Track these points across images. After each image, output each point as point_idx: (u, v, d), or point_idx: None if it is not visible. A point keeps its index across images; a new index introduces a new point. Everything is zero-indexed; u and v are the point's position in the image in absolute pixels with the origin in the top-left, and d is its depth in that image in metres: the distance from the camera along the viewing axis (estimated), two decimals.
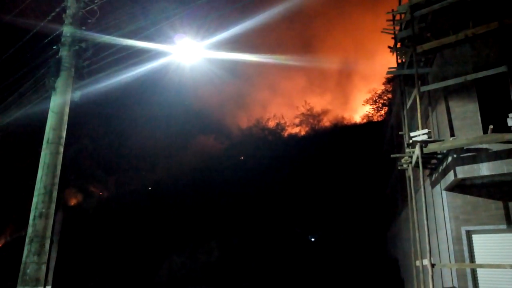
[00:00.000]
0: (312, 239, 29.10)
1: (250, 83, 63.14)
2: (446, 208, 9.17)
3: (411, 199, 10.81)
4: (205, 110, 47.88)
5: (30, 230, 6.66)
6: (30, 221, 6.71)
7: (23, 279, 6.41)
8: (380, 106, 40.10)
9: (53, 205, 6.92)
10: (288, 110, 49.63)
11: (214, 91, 48.84)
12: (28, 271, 6.43)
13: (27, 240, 6.63)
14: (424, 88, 9.82)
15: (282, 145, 38.90)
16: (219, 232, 30.07)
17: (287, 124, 44.76)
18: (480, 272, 8.48)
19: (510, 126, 7.95)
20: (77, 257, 29.62)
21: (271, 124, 43.65)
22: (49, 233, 6.76)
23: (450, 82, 9.10)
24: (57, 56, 7.69)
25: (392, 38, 11.52)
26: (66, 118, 7.45)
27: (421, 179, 9.02)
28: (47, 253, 6.73)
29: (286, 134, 44.09)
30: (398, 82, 12.29)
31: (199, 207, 33.13)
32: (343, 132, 40.04)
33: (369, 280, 20.73)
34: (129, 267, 29.26)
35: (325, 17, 70.29)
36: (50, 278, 19.62)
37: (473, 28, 9.05)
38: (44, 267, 6.61)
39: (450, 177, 8.67)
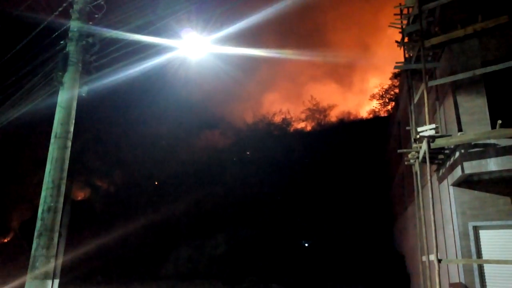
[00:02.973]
0: (318, 234, 29.14)
1: (256, 77, 62.96)
2: (453, 203, 9.14)
3: (418, 194, 10.78)
4: (210, 105, 47.86)
5: (39, 224, 6.72)
6: (39, 215, 6.77)
7: (33, 272, 6.49)
8: (387, 101, 39.87)
9: (61, 199, 6.97)
10: (294, 105, 49.35)
11: (220, 86, 48.72)
12: (37, 264, 6.50)
13: (36, 233, 6.68)
14: (432, 83, 9.76)
15: (288, 140, 38.86)
16: (225, 225, 30.16)
17: (293, 119, 44.60)
18: (487, 267, 8.46)
19: None
20: (85, 250, 29.89)
21: (277, 119, 43.49)
22: (57, 226, 6.82)
23: (458, 76, 9.02)
24: (64, 51, 7.72)
25: (400, 32, 11.45)
26: (73, 113, 7.48)
27: (428, 174, 8.98)
28: (56, 247, 6.80)
29: (292, 129, 43.97)
30: (405, 77, 12.23)
31: (205, 200, 33.23)
32: (349, 127, 39.91)
33: (375, 275, 20.73)
34: (135, 260, 29.48)
35: (332, 8, 69.82)
36: (58, 271, 19.80)
37: (482, 22, 8.95)
38: (52, 260, 6.68)
39: (457, 173, 8.63)
